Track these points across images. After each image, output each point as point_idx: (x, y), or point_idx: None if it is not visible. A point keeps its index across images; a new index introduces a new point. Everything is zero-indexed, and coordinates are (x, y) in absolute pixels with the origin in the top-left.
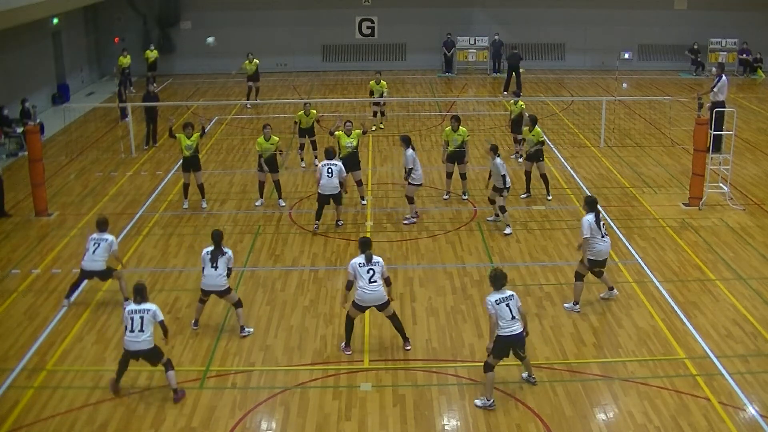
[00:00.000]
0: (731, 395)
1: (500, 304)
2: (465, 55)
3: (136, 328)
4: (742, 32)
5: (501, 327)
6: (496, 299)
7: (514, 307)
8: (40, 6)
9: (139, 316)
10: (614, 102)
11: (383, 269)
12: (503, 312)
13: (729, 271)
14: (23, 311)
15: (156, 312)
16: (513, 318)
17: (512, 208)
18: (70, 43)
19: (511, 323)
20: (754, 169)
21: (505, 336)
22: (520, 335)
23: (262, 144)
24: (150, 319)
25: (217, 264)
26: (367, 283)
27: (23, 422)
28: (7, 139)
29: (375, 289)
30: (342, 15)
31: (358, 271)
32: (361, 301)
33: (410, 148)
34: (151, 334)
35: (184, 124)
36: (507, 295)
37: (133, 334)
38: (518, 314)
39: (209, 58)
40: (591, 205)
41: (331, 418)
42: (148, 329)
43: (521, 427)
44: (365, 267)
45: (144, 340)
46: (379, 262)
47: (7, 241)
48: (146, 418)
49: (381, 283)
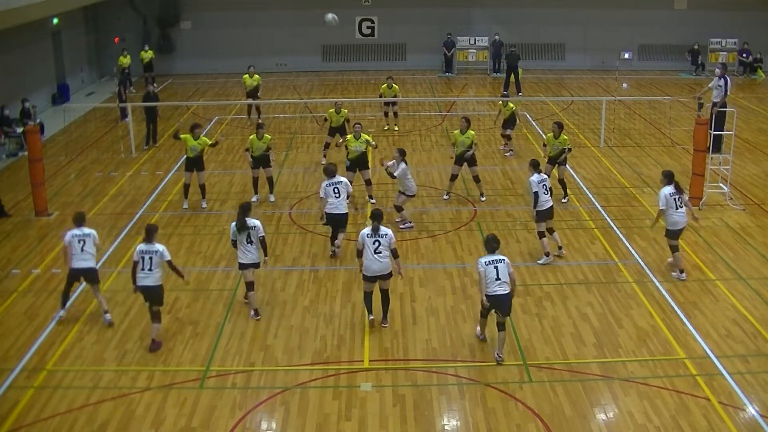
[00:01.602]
0: (731, 395)
1: (489, 266)
2: (465, 55)
3: (146, 267)
4: (742, 32)
5: (487, 286)
6: (486, 261)
7: (502, 270)
8: (40, 6)
9: (149, 257)
10: (614, 102)
11: (391, 242)
12: (490, 273)
13: (729, 271)
14: (23, 311)
15: (163, 252)
16: (497, 279)
17: (512, 208)
18: (70, 43)
19: (495, 284)
20: (754, 169)
21: (489, 295)
22: (505, 296)
23: (254, 142)
24: (158, 260)
25: (251, 239)
26: (372, 254)
27: (23, 422)
28: (7, 139)
29: (380, 260)
30: (342, 15)
31: (365, 241)
32: (367, 270)
33: (404, 162)
34: (160, 274)
35: (193, 125)
36: (497, 258)
37: (143, 272)
38: (506, 277)
39: (209, 58)
40: (669, 178)
41: (331, 418)
42: (156, 268)
43: (521, 427)
44: (372, 238)
45: (153, 278)
46: (387, 235)
47: (7, 241)
48: (146, 418)
49: (387, 255)
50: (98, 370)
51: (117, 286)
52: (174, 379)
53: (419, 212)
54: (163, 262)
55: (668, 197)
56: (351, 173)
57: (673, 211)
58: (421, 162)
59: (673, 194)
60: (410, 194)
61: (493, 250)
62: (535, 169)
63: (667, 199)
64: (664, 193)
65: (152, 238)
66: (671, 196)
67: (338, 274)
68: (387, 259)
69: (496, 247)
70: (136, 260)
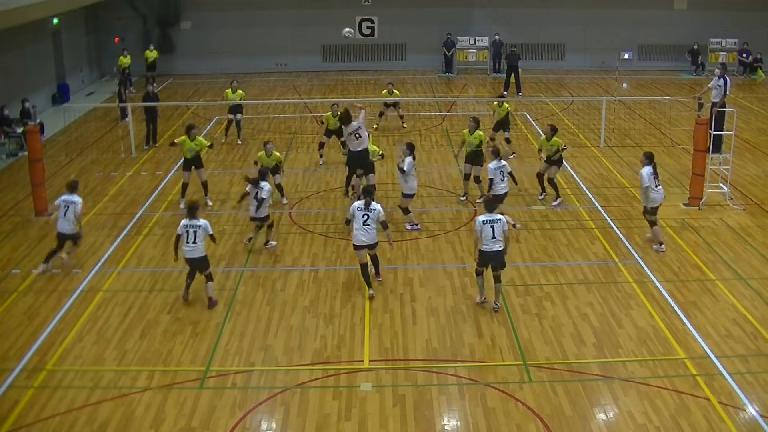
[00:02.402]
0: (731, 395)
1: (486, 224)
2: (465, 55)
3: (190, 240)
4: (742, 32)
5: (483, 243)
6: (484, 220)
7: (498, 229)
8: (40, 6)
9: (193, 230)
10: (614, 102)
11: (379, 215)
12: (486, 231)
13: (729, 271)
14: (23, 311)
15: (206, 226)
16: (493, 237)
17: (513, 208)
18: (70, 43)
19: (491, 241)
20: (754, 169)
21: (484, 251)
22: (499, 252)
23: (263, 159)
24: (202, 233)
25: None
26: (361, 226)
27: (23, 422)
28: (7, 139)
29: (368, 232)
30: (342, 15)
31: (356, 213)
32: (355, 240)
33: (411, 156)
34: (203, 245)
35: (188, 126)
36: (495, 218)
37: (188, 245)
38: (501, 236)
39: (209, 58)
40: (650, 158)
41: (331, 418)
42: (200, 241)
43: (521, 427)
44: (362, 211)
45: (197, 250)
46: (376, 210)
47: (7, 241)
48: (146, 418)
49: (374, 227)
50: (98, 370)
51: (117, 286)
52: (174, 379)
53: (419, 212)
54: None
55: (650, 176)
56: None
57: (653, 189)
58: (421, 162)
59: (652, 173)
60: (408, 193)
61: (492, 210)
62: (495, 156)
63: (648, 177)
64: (646, 172)
65: (195, 214)
66: (651, 175)
67: (338, 274)
68: (374, 231)
69: (494, 208)
70: (179, 234)
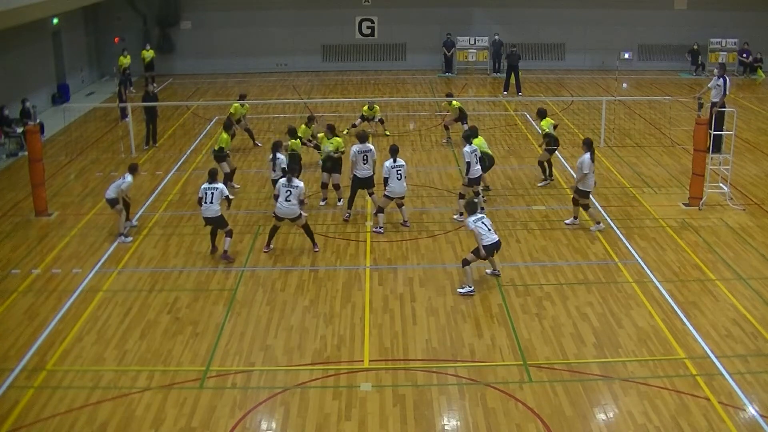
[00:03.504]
0: (731, 395)
1: (478, 222)
2: (465, 55)
3: (208, 200)
4: (742, 32)
5: (484, 238)
6: (474, 219)
7: (488, 222)
8: (40, 6)
9: (211, 192)
10: (614, 102)
11: (301, 192)
12: (481, 228)
13: (729, 271)
14: (23, 311)
15: (223, 190)
16: (489, 230)
17: (512, 208)
18: (70, 43)
19: (489, 234)
20: (754, 169)
21: (488, 244)
22: (498, 242)
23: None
24: (219, 195)
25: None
26: (284, 201)
27: (23, 422)
28: (7, 139)
29: (288, 206)
30: (342, 15)
31: (281, 189)
32: (277, 212)
33: (391, 159)
34: (218, 207)
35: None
36: (481, 216)
37: (206, 205)
38: (492, 226)
39: (209, 58)
40: (589, 145)
41: (331, 418)
42: (216, 202)
43: (521, 427)
44: (285, 187)
45: (214, 210)
46: (298, 187)
47: (7, 241)
48: (146, 418)
49: (296, 203)
50: (98, 370)
51: (117, 286)
52: (174, 379)
53: (419, 212)
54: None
55: (590, 163)
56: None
57: (591, 174)
58: (421, 162)
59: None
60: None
61: (474, 212)
62: (467, 141)
63: (589, 164)
64: (587, 159)
65: (215, 178)
66: (591, 161)
67: (338, 274)
68: (295, 206)
69: (476, 210)
70: (200, 196)
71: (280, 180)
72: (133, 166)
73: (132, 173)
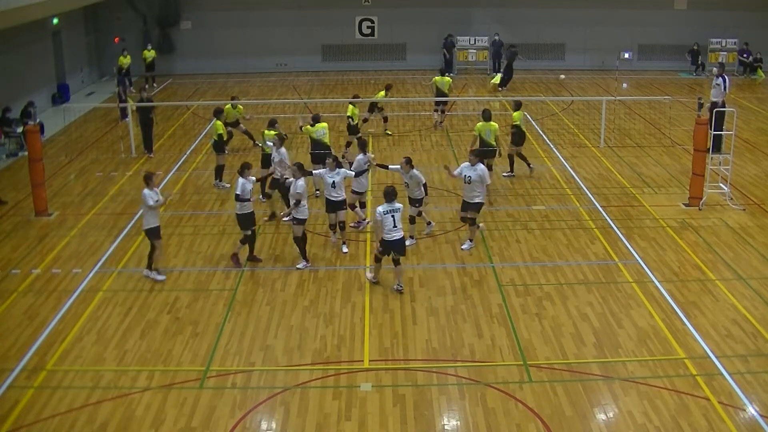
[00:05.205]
0: (731, 395)
1: (386, 215)
2: (465, 55)
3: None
4: (742, 32)
5: (385, 233)
6: (384, 210)
7: (398, 218)
8: (40, 6)
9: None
10: (614, 102)
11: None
12: (387, 221)
13: (729, 271)
14: (23, 311)
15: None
16: (395, 227)
17: (512, 208)
18: (70, 43)
19: (392, 230)
20: (754, 169)
21: (387, 240)
22: (400, 240)
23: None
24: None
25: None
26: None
27: (23, 422)
28: (7, 139)
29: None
30: (342, 15)
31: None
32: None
33: (362, 154)
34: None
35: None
36: (395, 207)
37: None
38: (401, 224)
39: (209, 58)
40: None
41: (331, 418)
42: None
43: (521, 427)
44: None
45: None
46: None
47: (7, 241)
48: (146, 418)
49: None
50: (98, 370)
51: (117, 286)
52: (174, 379)
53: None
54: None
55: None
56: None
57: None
58: (421, 162)
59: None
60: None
61: (392, 200)
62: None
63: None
64: (486, 170)
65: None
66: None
67: (338, 274)
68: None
69: (393, 199)
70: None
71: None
72: (147, 175)
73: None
